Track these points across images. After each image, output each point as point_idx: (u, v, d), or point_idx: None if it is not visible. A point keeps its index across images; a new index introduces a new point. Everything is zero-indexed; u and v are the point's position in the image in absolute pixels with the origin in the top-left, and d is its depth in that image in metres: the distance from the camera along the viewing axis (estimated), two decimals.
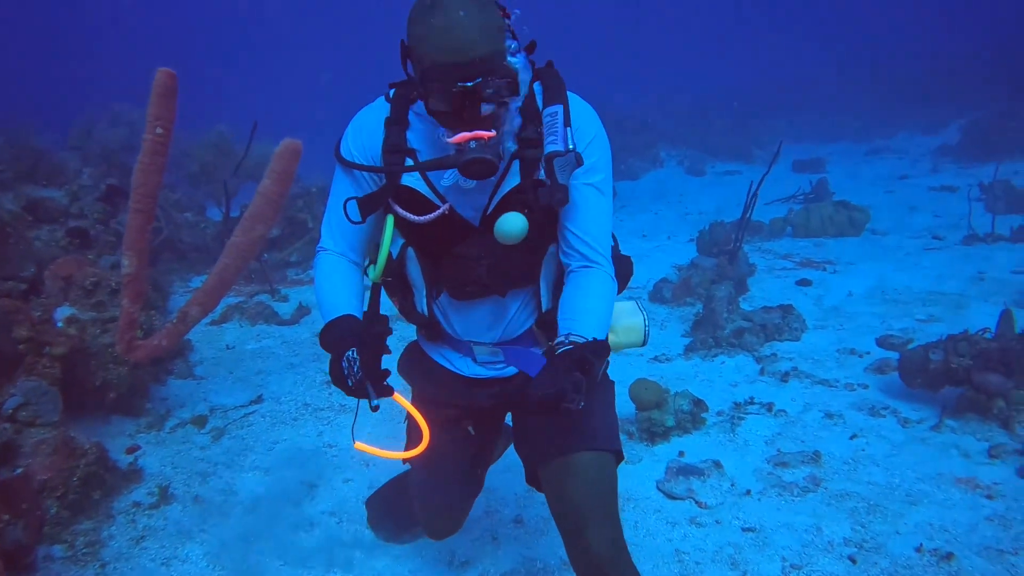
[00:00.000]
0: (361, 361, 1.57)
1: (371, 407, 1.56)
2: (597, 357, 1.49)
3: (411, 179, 1.69)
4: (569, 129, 1.56)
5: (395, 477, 2.68)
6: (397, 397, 1.64)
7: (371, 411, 1.57)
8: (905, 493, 2.84)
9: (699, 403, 3.48)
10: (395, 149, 1.67)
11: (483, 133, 1.49)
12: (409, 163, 1.67)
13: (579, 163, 1.56)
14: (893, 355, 3.96)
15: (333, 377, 1.61)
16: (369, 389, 1.56)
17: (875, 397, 3.69)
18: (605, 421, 1.84)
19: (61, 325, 3.34)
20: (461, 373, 1.94)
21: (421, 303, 1.86)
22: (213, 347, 4.70)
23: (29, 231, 4.69)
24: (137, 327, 3.13)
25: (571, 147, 1.54)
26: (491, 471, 2.44)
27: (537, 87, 1.66)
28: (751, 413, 3.58)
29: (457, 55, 1.43)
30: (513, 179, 1.66)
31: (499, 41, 1.47)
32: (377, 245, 1.77)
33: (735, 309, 4.74)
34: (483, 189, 1.66)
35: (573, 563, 1.73)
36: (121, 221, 5.27)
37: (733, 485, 2.96)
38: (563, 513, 1.75)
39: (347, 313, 1.71)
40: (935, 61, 15.77)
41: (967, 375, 3.34)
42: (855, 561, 2.47)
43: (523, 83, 1.55)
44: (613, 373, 1.91)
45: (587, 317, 1.63)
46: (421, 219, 1.67)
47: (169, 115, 2.65)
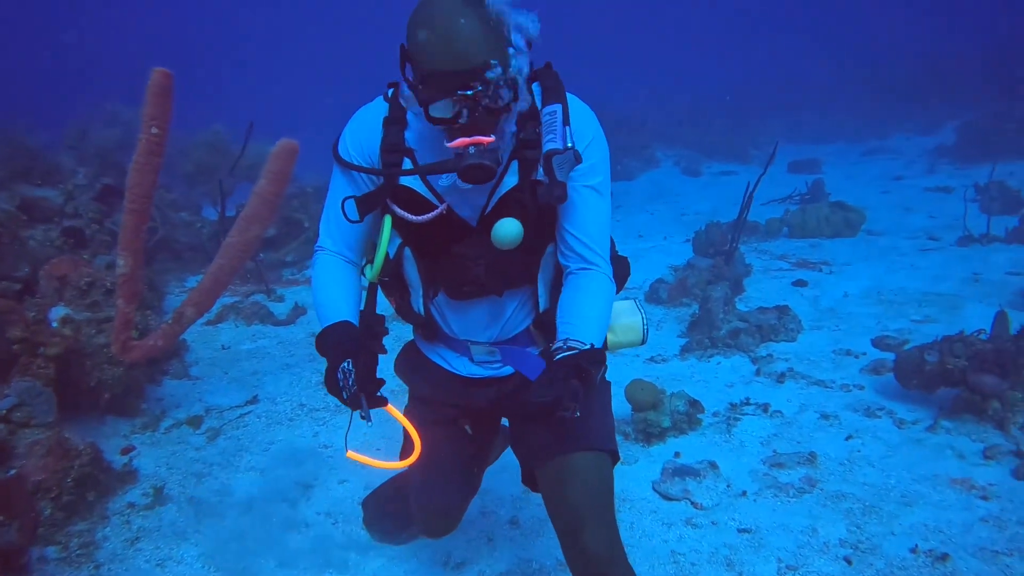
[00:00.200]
0: (356, 373, 1.58)
1: (361, 416, 1.58)
2: (595, 366, 1.51)
3: (409, 179, 1.69)
4: (568, 128, 1.55)
5: (392, 477, 2.68)
6: (390, 408, 1.66)
7: (366, 424, 1.59)
8: (900, 494, 2.85)
9: (695, 404, 3.49)
10: (393, 148, 1.67)
11: (482, 139, 1.48)
12: (408, 166, 1.68)
13: (578, 161, 1.55)
14: (889, 356, 3.97)
15: (328, 387, 1.63)
16: (363, 401, 1.57)
17: (871, 398, 3.69)
18: (602, 421, 1.84)
19: (56, 325, 3.32)
20: (458, 373, 1.94)
21: (418, 303, 1.86)
22: (209, 347, 4.69)
23: (24, 231, 4.67)
24: (132, 327, 3.13)
25: (570, 145, 1.54)
26: (487, 472, 2.44)
27: (536, 87, 1.66)
28: (747, 414, 3.58)
29: (457, 63, 1.42)
30: (512, 179, 1.66)
31: (499, 48, 1.46)
32: (375, 244, 1.77)
33: (731, 310, 4.75)
34: (481, 189, 1.66)
35: (570, 563, 1.73)
36: (116, 221, 5.24)
37: (729, 486, 2.96)
38: (560, 513, 1.75)
39: (343, 319, 1.71)
40: (930, 61, 15.76)
41: (962, 376, 3.35)
42: (850, 562, 2.48)
43: (522, 85, 1.55)
44: (609, 374, 1.90)
45: (586, 322, 1.64)
46: (419, 219, 1.67)
47: (165, 115, 2.65)
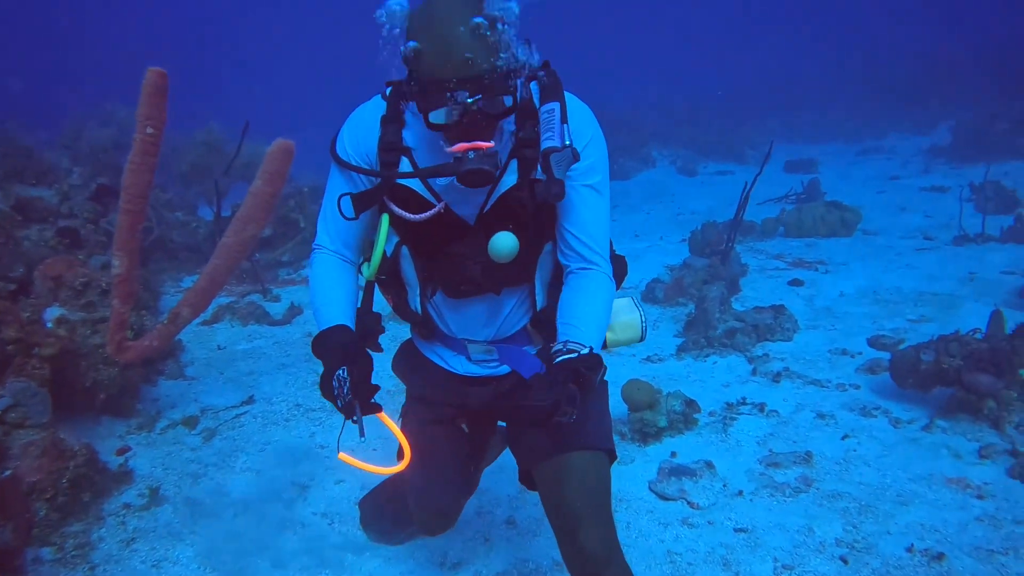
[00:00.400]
0: (351, 381, 1.58)
1: (354, 422, 1.58)
2: (593, 370, 1.51)
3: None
4: (566, 126, 1.55)
5: (389, 476, 2.67)
6: (383, 417, 1.66)
7: (359, 435, 1.57)
8: (896, 493, 2.85)
9: (691, 404, 3.49)
10: (391, 147, 1.67)
11: (482, 144, 1.48)
12: (406, 165, 1.68)
13: (576, 159, 1.56)
14: (884, 355, 3.98)
15: (323, 393, 1.63)
16: (357, 409, 1.57)
17: (866, 397, 3.70)
18: (599, 421, 1.85)
19: (51, 326, 3.31)
20: (455, 371, 1.94)
21: (415, 301, 1.86)
22: (204, 347, 4.68)
23: (18, 231, 4.65)
24: (127, 328, 3.11)
25: (568, 143, 1.53)
26: (484, 472, 2.44)
27: (534, 86, 1.66)
28: (743, 413, 3.58)
29: (456, 71, 1.43)
30: (511, 178, 1.66)
31: (498, 54, 1.46)
32: (372, 243, 1.77)
33: (727, 309, 4.75)
34: (480, 188, 1.66)
35: (567, 562, 1.73)
36: (111, 221, 5.23)
37: (725, 486, 2.96)
38: (557, 512, 1.76)
39: (341, 323, 1.71)
40: (926, 62, 15.82)
41: (958, 376, 3.36)
42: (847, 561, 2.48)
43: (520, 86, 1.55)
44: (606, 374, 1.90)
45: (585, 324, 1.64)
46: (416, 217, 1.67)
47: (160, 114, 2.64)
